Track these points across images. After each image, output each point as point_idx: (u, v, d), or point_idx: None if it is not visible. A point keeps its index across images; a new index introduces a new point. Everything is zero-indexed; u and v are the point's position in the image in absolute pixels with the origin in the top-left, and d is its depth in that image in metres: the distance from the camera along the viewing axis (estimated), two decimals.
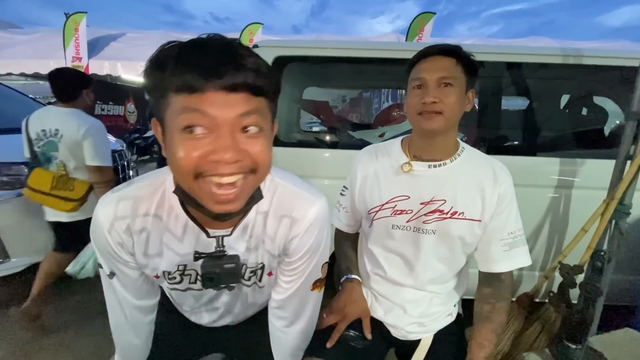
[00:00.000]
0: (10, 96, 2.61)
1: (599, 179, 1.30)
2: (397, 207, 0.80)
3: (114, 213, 0.55)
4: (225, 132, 0.43)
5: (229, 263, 0.58)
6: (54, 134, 1.57)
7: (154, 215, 0.57)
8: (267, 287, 0.70)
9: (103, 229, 0.56)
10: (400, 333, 0.84)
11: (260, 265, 0.64)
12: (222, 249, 0.58)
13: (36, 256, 1.84)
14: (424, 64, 0.74)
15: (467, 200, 0.76)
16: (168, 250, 0.59)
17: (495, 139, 1.60)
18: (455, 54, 0.73)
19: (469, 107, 0.77)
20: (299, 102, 2.31)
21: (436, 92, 0.71)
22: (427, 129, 0.74)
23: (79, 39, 5.64)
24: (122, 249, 0.58)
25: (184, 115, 0.42)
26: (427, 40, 5.30)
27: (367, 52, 1.58)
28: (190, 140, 0.43)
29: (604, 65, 1.46)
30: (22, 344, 1.60)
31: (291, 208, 0.60)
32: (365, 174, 0.86)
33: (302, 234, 0.60)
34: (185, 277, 0.63)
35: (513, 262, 0.78)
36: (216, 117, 0.42)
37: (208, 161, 0.43)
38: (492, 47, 1.53)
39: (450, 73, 0.72)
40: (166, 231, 0.58)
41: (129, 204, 0.56)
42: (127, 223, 0.56)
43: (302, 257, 0.63)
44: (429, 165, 0.78)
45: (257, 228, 0.60)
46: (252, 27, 5.80)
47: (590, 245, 1.17)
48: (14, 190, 1.74)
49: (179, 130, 0.43)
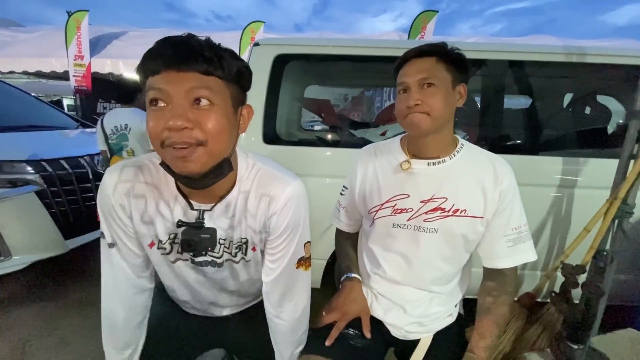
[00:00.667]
0: (12, 95, 2.61)
1: (602, 178, 1.29)
2: (397, 206, 0.80)
3: (118, 176, 0.64)
4: (176, 103, 0.52)
5: (205, 233, 0.65)
6: (124, 128, 2.12)
7: (152, 184, 0.65)
8: (254, 264, 0.76)
9: (108, 190, 0.64)
10: (400, 332, 0.84)
11: (244, 240, 0.71)
12: (201, 221, 0.66)
13: (38, 254, 1.86)
14: (405, 68, 0.75)
15: (468, 198, 0.76)
16: (161, 218, 0.67)
17: (497, 137, 1.58)
18: (433, 53, 0.73)
19: (461, 102, 0.77)
20: (301, 101, 2.30)
21: (419, 94, 0.72)
22: (416, 131, 0.74)
23: (81, 38, 5.64)
24: (123, 211, 0.65)
25: (150, 92, 0.53)
26: (429, 38, 5.28)
27: (369, 50, 1.57)
28: (154, 112, 0.53)
29: (607, 63, 1.44)
30: (25, 341, 1.61)
31: (269, 188, 0.68)
32: (365, 173, 0.86)
33: (279, 211, 0.68)
34: (174, 245, 0.69)
35: (517, 257, 0.78)
36: (169, 91, 0.51)
37: (166, 129, 0.52)
38: (494, 45, 1.53)
39: (430, 73, 0.72)
40: (161, 200, 0.66)
41: (132, 170, 0.65)
42: (129, 187, 0.64)
43: (283, 234, 0.70)
44: (428, 162, 0.78)
45: (239, 206, 0.68)
46: (254, 25, 5.79)
47: (593, 245, 1.17)
48: (16, 188, 1.74)
49: (148, 105, 0.54)
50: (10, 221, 1.74)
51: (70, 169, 1.98)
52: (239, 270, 0.76)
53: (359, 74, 2.43)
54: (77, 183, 2.01)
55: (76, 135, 2.50)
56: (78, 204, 2.02)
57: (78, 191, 2.02)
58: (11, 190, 1.73)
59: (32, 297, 1.98)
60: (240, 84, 0.60)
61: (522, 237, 0.77)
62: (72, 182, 1.99)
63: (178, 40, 0.52)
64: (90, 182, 2.09)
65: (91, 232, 2.13)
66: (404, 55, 0.77)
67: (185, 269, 0.74)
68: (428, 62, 0.73)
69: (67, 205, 1.96)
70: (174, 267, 0.73)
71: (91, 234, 2.13)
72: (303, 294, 0.77)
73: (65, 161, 1.98)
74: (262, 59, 1.46)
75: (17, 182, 1.76)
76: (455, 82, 0.74)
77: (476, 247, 0.82)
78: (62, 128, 2.49)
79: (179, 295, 0.82)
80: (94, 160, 2.16)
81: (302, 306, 0.78)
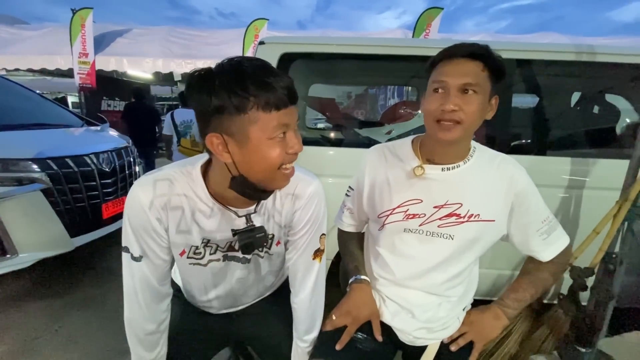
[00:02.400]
0: (18, 92, 2.62)
1: (611, 179, 1.27)
2: (410, 211, 0.78)
3: (154, 191, 0.66)
4: (292, 132, 0.62)
5: (259, 233, 0.70)
6: (190, 122, 3.33)
7: (186, 196, 0.68)
8: (276, 257, 0.83)
9: (144, 206, 0.65)
10: (408, 338, 0.83)
11: (271, 235, 0.77)
12: (252, 224, 0.71)
13: (44, 252, 1.87)
14: (447, 66, 0.69)
15: (481, 202, 0.75)
16: (197, 227, 0.70)
17: (504, 137, 1.57)
18: (483, 58, 0.67)
19: (490, 115, 0.73)
20: (305, 99, 2.29)
21: (457, 99, 0.66)
22: (444, 140, 0.70)
23: (85, 35, 5.64)
24: (160, 224, 0.68)
25: (277, 127, 0.58)
26: (434, 36, 5.23)
27: (374, 49, 1.55)
28: (281, 141, 0.60)
29: (616, 62, 1.42)
30: (31, 339, 1.63)
31: (293, 188, 0.75)
32: (375, 177, 0.84)
33: (303, 207, 0.75)
34: (207, 248, 0.74)
35: (555, 246, 0.79)
36: (289, 125, 0.61)
37: (290, 154, 0.62)
38: (500, 43, 1.50)
39: (475, 79, 0.66)
40: (196, 209, 0.69)
41: (165, 184, 0.67)
42: (165, 200, 0.67)
43: (305, 227, 0.77)
44: (442, 168, 0.77)
45: (269, 205, 0.75)
46: (258, 22, 5.77)
47: (602, 248, 1.15)
48: (22, 187, 1.75)
49: (270, 137, 0.59)
50: (16, 219, 1.75)
51: (75, 167, 1.99)
52: (261, 264, 0.82)
53: (364, 73, 2.41)
54: (83, 181, 2.02)
55: (81, 134, 2.51)
56: (84, 202, 2.03)
57: (83, 189, 2.03)
58: (17, 188, 1.74)
59: (39, 294, 2.00)
60: None
61: (553, 225, 0.78)
62: (77, 180, 1.99)
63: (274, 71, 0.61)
64: (95, 180, 2.10)
65: (97, 230, 2.14)
66: (450, 50, 0.69)
67: (214, 269, 0.78)
68: (475, 67, 0.67)
69: (72, 203, 1.97)
70: (201, 270, 0.77)
71: (97, 232, 2.14)
72: (319, 286, 0.83)
73: (71, 159, 1.99)
74: (268, 57, 1.45)
75: (23, 180, 1.77)
76: (492, 93, 0.70)
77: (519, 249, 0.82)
78: (68, 126, 2.50)
79: (199, 294, 0.85)
80: (99, 158, 2.16)
81: (317, 297, 0.83)
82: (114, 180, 2.25)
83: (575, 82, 1.85)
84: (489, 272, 1.48)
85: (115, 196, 2.25)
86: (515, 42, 1.61)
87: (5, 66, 5.88)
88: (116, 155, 2.33)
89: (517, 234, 0.78)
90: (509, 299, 0.82)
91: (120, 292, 0.76)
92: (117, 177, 2.28)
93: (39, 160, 1.84)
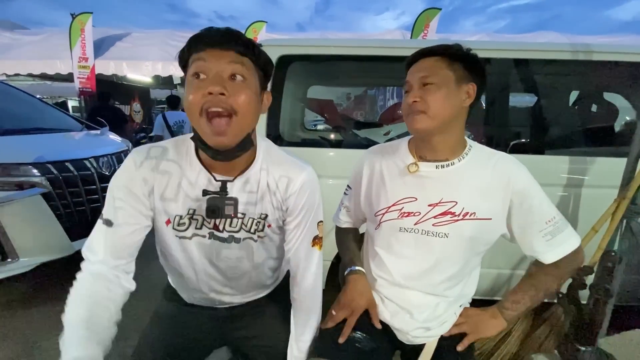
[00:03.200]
0: (17, 97, 2.63)
1: (609, 178, 1.27)
2: (404, 209, 0.79)
3: (147, 153, 0.70)
4: (217, 74, 0.61)
5: (229, 201, 0.71)
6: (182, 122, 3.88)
7: (177, 162, 0.71)
8: (270, 243, 0.82)
9: (133, 165, 0.69)
10: (406, 337, 0.83)
11: (264, 215, 0.77)
12: (225, 190, 0.72)
13: (45, 256, 1.87)
14: (410, 68, 0.77)
15: (477, 200, 0.75)
16: (183, 195, 0.72)
17: (502, 136, 1.57)
18: (435, 53, 0.74)
19: (468, 102, 0.74)
20: (304, 101, 2.30)
21: (418, 92, 0.72)
22: (414, 129, 0.75)
23: (85, 39, 5.67)
24: (144, 184, 0.69)
25: (192, 66, 0.62)
26: (432, 36, 5.25)
27: (372, 50, 1.56)
28: (196, 83, 0.61)
29: (614, 60, 1.42)
30: (32, 342, 1.63)
31: (287, 170, 0.76)
32: (371, 175, 0.85)
33: (297, 193, 0.76)
34: (193, 221, 0.74)
35: (560, 249, 0.75)
36: (211, 65, 0.61)
37: (206, 94, 0.60)
38: (498, 43, 1.51)
39: (430, 72, 0.72)
40: (184, 177, 0.71)
41: (158, 149, 0.72)
42: (155, 163, 0.70)
43: (300, 213, 0.77)
44: (437, 165, 0.77)
45: (262, 182, 0.75)
46: (256, 25, 5.79)
47: (601, 246, 1.15)
48: (22, 191, 1.76)
49: (190, 79, 0.62)
50: (17, 223, 1.75)
51: (75, 171, 1.99)
52: (255, 250, 0.80)
53: (362, 74, 2.42)
54: (83, 185, 2.02)
55: (81, 138, 2.51)
56: (84, 205, 2.03)
57: (83, 193, 2.03)
58: (18, 192, 1.74)
59: (40, 298, 2.00)
60: (265, 71, 0.70)
61: (559, 227, 0.75)
62: (77, 184, 1.99)
63: (220, 28, 0.63)
64: (95, 184, 2.11)
65: None
66: (410, 56, 0.78)
67: (201, 246, 0.76)
68: (429, 61, 0.74)
69: (72, 207, 1.97)
70: (187, 246, 0.76)
71: None
72: (318, 273, 0.83)
73: (71, 163, 1.98)
74: None
75: (23, 184, 1.77)
76: (460, 80, 0.73)
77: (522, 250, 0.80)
78: (67, 130, 2.51)
79: (188, 282, 0.82)
80: (99, 162, 2.17)
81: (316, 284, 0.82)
82: None
83: (573, 81, 1.86)
84: (488, 272, 1.48)
85: None
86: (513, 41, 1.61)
87: (6, 71, 5.92)
88: (116, 159, 2.33)
89: (520, 234, 0.77)
90: (507, 301, 0.82)
91: None
92: None
93: (39, 164, 1.84)
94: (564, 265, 0.77)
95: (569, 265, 0.78)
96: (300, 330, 0.81)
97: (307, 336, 0.81)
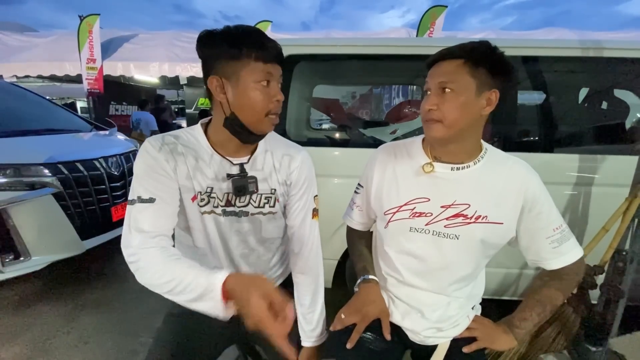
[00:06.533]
0: (28, 99, 2.68)
1: (620, 176, 1.25)
2: (417, 210, 0.78)
3: (162, 140, 0.77)
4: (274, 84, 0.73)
5: (250, 179, 0.81)
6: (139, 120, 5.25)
7: (189, 146, 0.78)
8: (276, 221, 0.89)
9: (153, 149, 0.74)
10: (418, 337, 0.83)
11: (273, 190, 0.85)
12: (245, 171, 0.81)
13: (56, 254, 1.91)
14: (432, 69, 0.74)
15: (490, 204, 0.74)
16: (200, 173, 0.79)
17: (511, 135, 1.56)
18: (459, 56, 0.68)
19: (488, 111, 0.70)
20: (309, 100, 2.30)
21: (436, 99, 0.70)
22: (430, 137, 0.74)
23: (93, 41, 5.73)
24: (168, 164, 0.75)
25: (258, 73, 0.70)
26: (438, 34, 5.20)
27: (377, 49, 1.56)
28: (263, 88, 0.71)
29: (624, 57, 1.40)
30: (44, 340, 1.66)
31: (288, 149, 0.87)
32: (383, 173, 0.84)
33: (299, 167, 0.86)
34: (211, 199, 0.80)
35: (566, 257, 0.75)
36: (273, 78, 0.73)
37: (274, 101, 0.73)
38: (506, 40, 1.49)
39: (449, 77, 0.68)
40: (199, 158, 0.78)
41: (171, 137, 0.79)
42: (172, 147, 0.76)
43: (303, 185, 0.87)
44: (452, 167, 0.76)
45: (267, 162, 0.84)
46: (262, 25, 5.80)
47: (612, 245, 1.14)
48: (34, 191, 1.79)
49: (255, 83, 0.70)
50: (29, 223, 1.79)
51: (85, 171, 2.02)
52: (263, 225, 0.87)
53: (368, 73, 2.41)
54: (93, 185, 2.06)
55: (90, 138, 2.55)
56: (94, 205, 2.07)
57: (93, 193, 2.06)
58: (30, 192, 1.78)
59: (51, 296, 2.04)
60: None
61: (565, 235, 0.75)
62: (87, 184, 2.03)
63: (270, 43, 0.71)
64: (104, 183, 2.14)
65: (107, 233, 2.18)
66: (431, 56, 0.73)
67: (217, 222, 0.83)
68: (450, 65, 0.69)
69: (83, 206, 2.01)
70: (206, 222, 0.82)
71: (107, 235, 2.17)
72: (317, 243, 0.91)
73: (81, 163, 2.02)
74: None
75: (35, 184, 1.81)
76: (482, 87, 0.68)
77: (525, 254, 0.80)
78: (77, 131, 2.55)
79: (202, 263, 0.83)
80: (108, 162, 2.20)
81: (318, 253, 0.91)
82: (123, 184, 2.28)
83: (582, 78, 1.83)
84: (496, 271, 1.47)
85: (125, 199, 2.28)
86: (520, 39, 1.59)
87: (16, 73, 6.01)
88: (124, 159, 2.37)
89: (525, 238, 0.77)
90: (515, 319, 0.81)
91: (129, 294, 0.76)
92: (125, 180, 2.31)
93: (50, 164, 1.88)
94: (567, 277, 0.78)
95: (572, 277, 0.78)
96: (310, 304, 0.87)
97: (317, 306, 0.88)
